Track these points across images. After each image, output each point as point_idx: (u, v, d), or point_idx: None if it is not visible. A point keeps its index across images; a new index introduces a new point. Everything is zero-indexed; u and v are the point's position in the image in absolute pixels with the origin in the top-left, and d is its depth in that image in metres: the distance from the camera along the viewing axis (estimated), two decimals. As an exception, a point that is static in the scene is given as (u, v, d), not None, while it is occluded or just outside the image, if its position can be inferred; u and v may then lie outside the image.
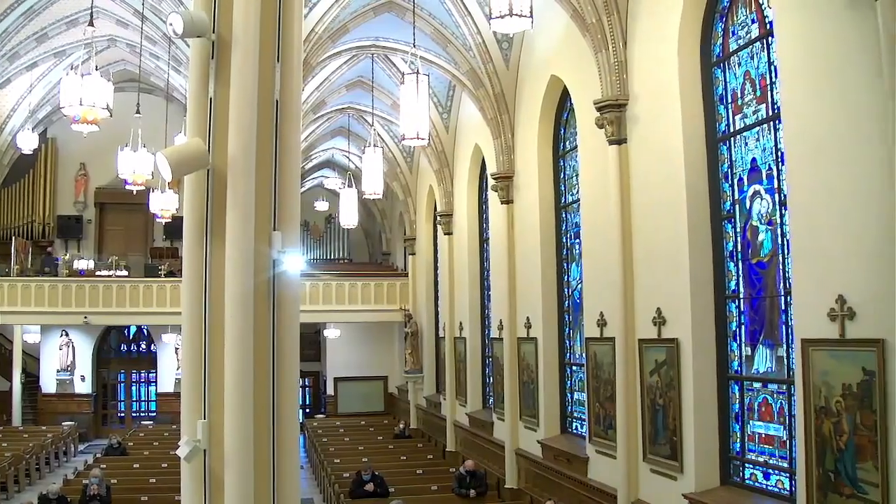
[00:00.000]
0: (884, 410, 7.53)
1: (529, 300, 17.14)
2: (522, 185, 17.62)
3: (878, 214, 7.49)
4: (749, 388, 10.58)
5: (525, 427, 17.37)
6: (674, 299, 11.36)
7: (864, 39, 7.66)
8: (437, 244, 26.06)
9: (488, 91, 17.82)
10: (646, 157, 12.18)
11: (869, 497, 7.67)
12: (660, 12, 11.73)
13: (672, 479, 11.31)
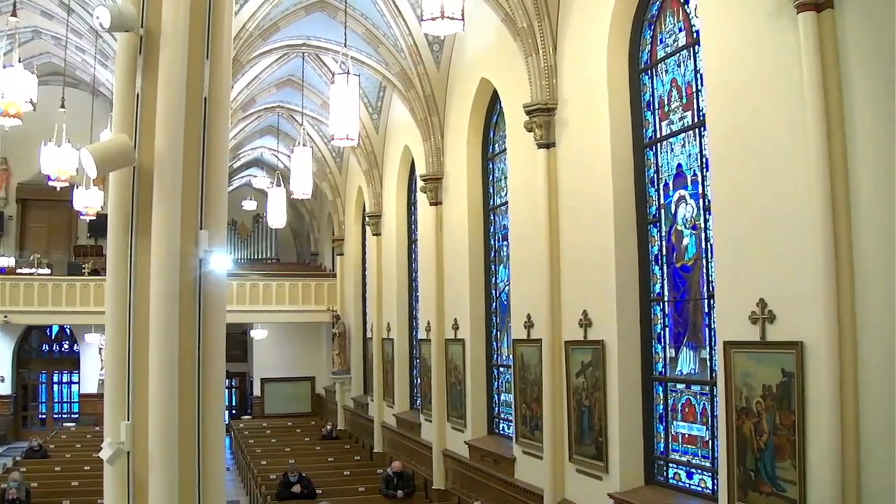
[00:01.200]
0: (802, 411, 7.72)
1: (457, 302, 17.19)
2: (451, 186, 17.66)
3: (799, 220, 7.68)
4: (673, 389, 10.75)
5: (452, 428, 17.41)
6: (600, 302, 11.49)
7: (786, 51, 7.85)
8: (366, 245, 25.98)
9: (419, 92, 17.83)
10: (574, 161, 12.30)
11: (787, 494, 7.86)
12: (590, 18, 11.86)
13: (597, 479, 11.44)
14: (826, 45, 7.44)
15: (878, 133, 7.02)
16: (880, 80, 7.01)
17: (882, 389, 6.95)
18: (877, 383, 7.01)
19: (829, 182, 7.33)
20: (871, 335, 7.07)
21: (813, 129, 7.42)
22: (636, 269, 11.25)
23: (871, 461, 7.04)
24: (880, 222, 6.98)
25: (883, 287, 6.96)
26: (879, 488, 6.95)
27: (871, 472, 7.03)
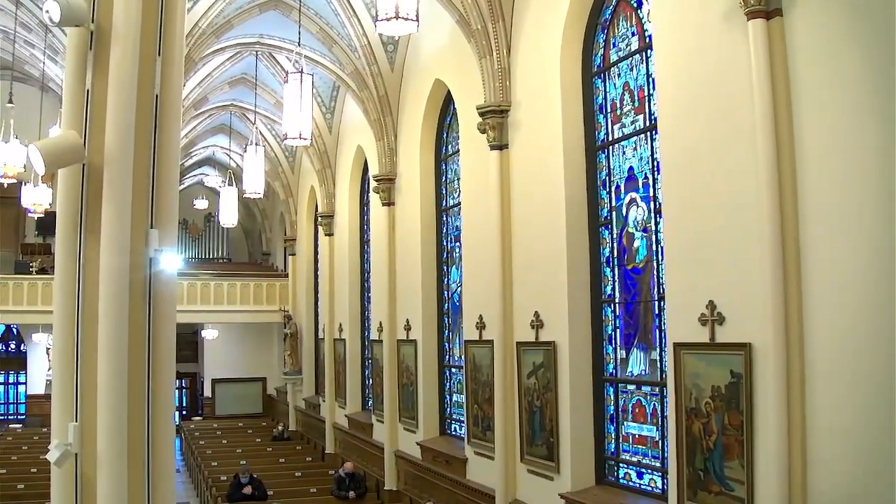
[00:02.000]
0: (750, 411, 7.82)
1: (409, 302, 17.18)
2: (404, 187, 17.64)
3: (748, 223, 7.78)
4: (623, 390, 10.83)
5: (404, 429, 17.40)
6: (551, 303, 11.54)
7: (737, 57, 7.96)
8: (318, 245, 25.87)
9: (372, 93, 17.79)
10: (526, 163, 12.35)
11: (735, 494, 7.96)
12: (544, 21, 11.92)
13: (549, 480, 11.49)
14: (775, 52, 7.56)
15: (826, 139, 7.15)
16: (827, 87, 7.14)
17: (828, 390, 7.07)
18: (823, 384, 7.13)
19: (778, 186, 7.43)
20: (818, 337, 7.18)
21: (762, 133, 7.52)
22: (587, 271, 11.32)
23: (816, 460, 7.16)
24: (827, 226, 7.10)
25: (829, 290, 7.08)
26: (825, 487, 7.07)
27: (817, 471, 7.15)
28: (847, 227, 6.88)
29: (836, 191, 7.03)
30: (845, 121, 6.95)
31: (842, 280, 6.95)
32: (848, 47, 6.93)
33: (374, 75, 17.59)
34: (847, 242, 6.89)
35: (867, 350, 6.67)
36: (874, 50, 6.67)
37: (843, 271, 6.93)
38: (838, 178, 7.00)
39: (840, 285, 6.97)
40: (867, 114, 6.72)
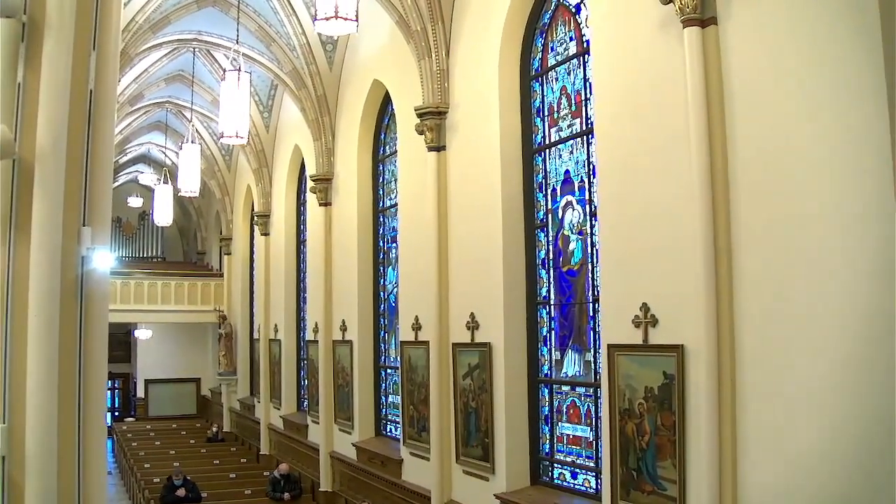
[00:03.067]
0: (682, 412, 7.93)
1: (345, 303, 17.12)
2: (341, 187, 17.59)
3: (681, 227, 7.88)
4: (558, 391, 10.92)
5: (340, 430, 17.33)
6: (487, 304, 11.59)
7: (673, 64, 8.06)
8: (254, 245, 25.68)
9: (310, 92, 17.70)
10: (464, 165, 12.39)
11: (668, 493, 8.07)
12: (483, 24, 11.97)
13: (484, 480, 11.54)
14: (710, 60, 7.67)
15: (758, 145, 7.27)
16: (760, 94, 7.27)
17: (758, 390, 7.20)
18: (752, 384, 7.25)
19: (711, 191, 7.54)
20: (749, 338, 7.30)
21: (696, 139, 7.62)
22: (523, 273, 11.39)
23: (746, 460, 7.28)
24: (758, 231, 7.23)
25: (760, 292, 7.21)
26: (755, 486, 7.20)
27: (747, 471, 7.27)
28: (777, 231, 7.02)
29: (767, 195, 7.16)
30: (777, 127, 7.08)
31: (771, 283, 7.08)
32: (781, 56, 7.07)
33: (312, 75, 17.52)
34: (777, 246, 7.02)
35: (795, 350, 6.80)
36: (806, 58, 6.82)
37: (772, 274, 7.06)
38: (769, 183, 7.14)
39: (770, 288, 7.10)
40: (799, 120, 6.86)
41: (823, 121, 6.62)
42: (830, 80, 6.58)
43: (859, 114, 6.29)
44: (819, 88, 6.68)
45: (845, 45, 6.47)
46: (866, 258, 6.20)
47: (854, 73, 6.36)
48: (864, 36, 6.25)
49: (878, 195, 6.09)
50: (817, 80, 6.71)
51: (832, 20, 6.60)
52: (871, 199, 6.16)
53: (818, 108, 6.68)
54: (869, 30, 6.21)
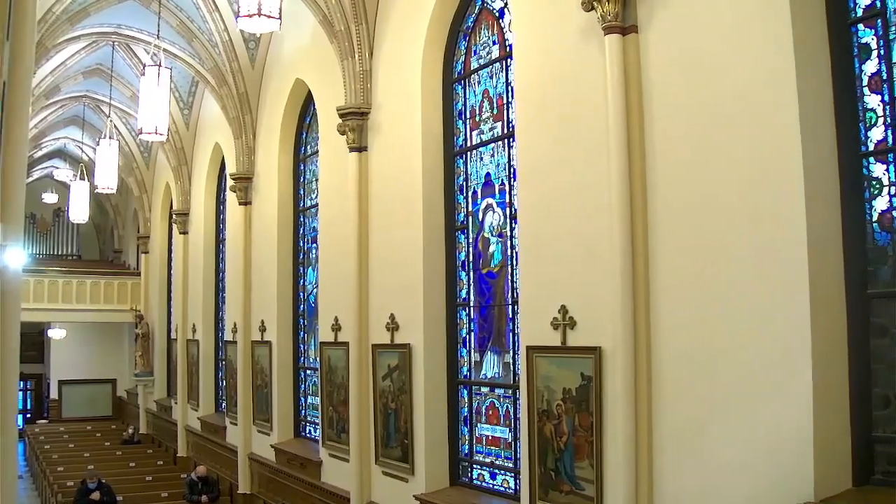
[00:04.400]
0: (599, 413, 8.04)
1: (265, 303, 16.98)
2: (262, 187, 17.44)
3: (600, 230, 7.98)
4: (477, 392, 10.97)
5: (258, 431, 17.18)
6: (407, 306, 11.61)
7: (593, 70, 8.17)
8: (172, 243, 25.31)
9: (232, 90, 17.50)
10: (385, 166, 12.38)
11: (585, 493, 8.17)
12: (407, 26, 11.97)
13: (403, 481, 11.55)
14: (630, 67, 7.78)
15: (676, 151, 7.42)
16: (678, 101, 7.42)
17: (673, 391, 7.34)
18: (668, 385, 7.39)
19: (629, 195, 7.66)
20: (665, 340, 7.44)
21: (615, 144, 7.73)
22: (443, 275, 11.43)
23: (663, 460, 7.42)
24: (675, 234, 7.38)
25: (677, 295, 7.35)
26: (670, 485, 7.34)
27: (663, 470, 7.41)
28: (694, 234, 7.17)
29: (684, 199, 7.31)
30: (694, 133, 7.23)
31: (688, 285, 7.23)
32: (698, 63, 7.22)
33: (234, 72, 17.32)
34: (694, 249, 7.17)
35: (712, 352, 6.96)
36: (722, 65, 6.99)
37: (689, 277, 7.21)
38: (686, 188, 7.29)
39: (687, 290, 7.25)
40: (715, 126, 7.02)
41: (739, 127, 6.79)
42: (745, 87, 6.76)
43: (773, 118, 6.49)
44: (734, 95, 6.86)
45: (759, 52, 6.66)
46: (781, 261, 6.38)
47: (768, 81, 6.55)
48: (777, 44, 6.46)
49: (790, 195, 6.30)
50: (732, 86, 6.88)
51: (747, 28, 6.78)
52: (785, 199, 6.36)
53: (734, 114, 6.85)
54: (781, 37, 6.43)
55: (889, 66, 6.29)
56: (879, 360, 6.25)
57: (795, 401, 6.17)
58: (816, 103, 6.44)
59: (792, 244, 6.28)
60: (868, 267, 6.36)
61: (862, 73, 6.47)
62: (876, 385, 6.24)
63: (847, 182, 6.44)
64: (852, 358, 6.31)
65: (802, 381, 6.13)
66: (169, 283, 26.10)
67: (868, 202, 6.39)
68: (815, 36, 6.54)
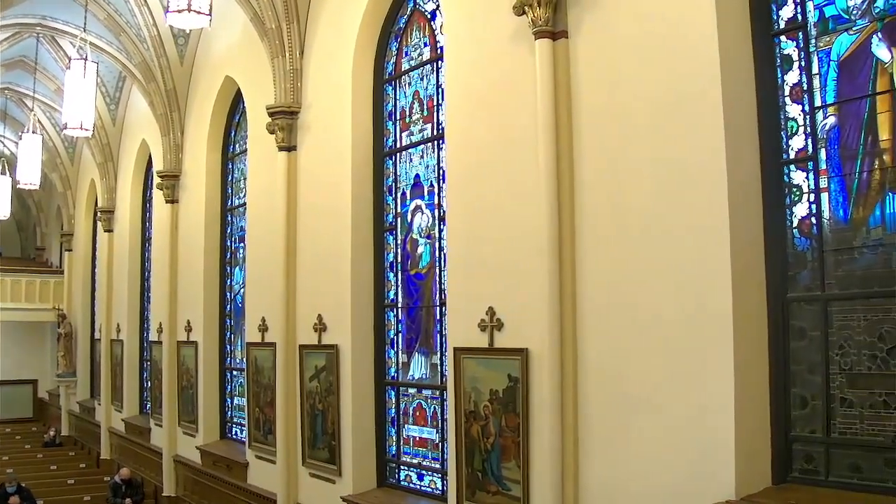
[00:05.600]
0: (526, 413, 8.09)
1: (191, 303, 16.77)
2: (189, 185, 17.22)
3: (527, 233, 8.03)
4: (405, 393, 10.97)
5: (184, 433, 16.95)
6: (335, 306, 11.56)
7: (523, 74, 8.21)
8: (97, 241, 24.85)
9: (160, 86, 17.22)
10: (314, 166, 12.31)
11: (512, 493, 8.21)
12: (338, 25, 11.91)
13: (331, 483, 11.50)
14: (559, 72, 7.84)
15: (603, 156, 7.50)
16: (606, 106, 7.50)
17: (599, 392, 7.42)
18: (594, 387, 7.46)
19: (557, 198, 7.72)
20: (591, 342, 7.51)
21: (543, 148, 7.78)
22: (371, 276, 11.41)
23: (588, 459, 7.49)
24: (603, 237, 7.46)
25: (603, 297, 7.43)
26: (595, 485, 7.43)
27: (588, 470, 7.49)
28: (621, 237, 7.26)
29: (610, 203, 7.40)
30: (621, 137, 7.31)
31: (614, 287, 7.31)
32: (626, 68, 7.32)
33: (162, 68, 17.04)
34: (620, 252, 7.26)
35: (636, 352, 7.06)
36: (649, 70, 7.09)
37: (615, 279, 7.30)
38: (612, 192, 7.38)
39: (612, 293, 7.33)
40: (641, 133, 7.12)
41: (665, 133, 6.90)
42: (671, 95, 6.87)
43: (699, 126, 6.60)
44: (660, 102, 6.96)
45: (685, 61, 6.77)
46: (704, 265, 6.49)
47: (693, 89, 6.67)
48: (703, 54, 6.59)
49: (714, 201, 6.42)
50: (659, 93, 6.98)
51: (674, 38, 6.88)
52: (709, 205, 6.47)
53: (659, 121, 6.96)
54: (706, 47, 6.56)
55: (809, 77, 6.47)
56: (798, 362, 6.41)
57: (718, 401, 6.29)
58: (740, 112, 6.58)
59: (715, 248, 6.39)
60: (788, 272, 6.51)
61: (784, 84, 6.64)
62: (794, 386, 6.40)
63: (769, 189, 6.59)
64: (772, 359, 6.46)
65: (724, 381, 6.25)
66: (93, 281, 25.64)
67: (789, 209, 6.54)
68: (740, 46, 6.69)
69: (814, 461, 6.26)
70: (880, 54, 6.03)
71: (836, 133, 6.30)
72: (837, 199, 6.27)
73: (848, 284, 6.17)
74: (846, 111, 6.24)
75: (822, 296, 6.29)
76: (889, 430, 5.83)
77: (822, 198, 6.35)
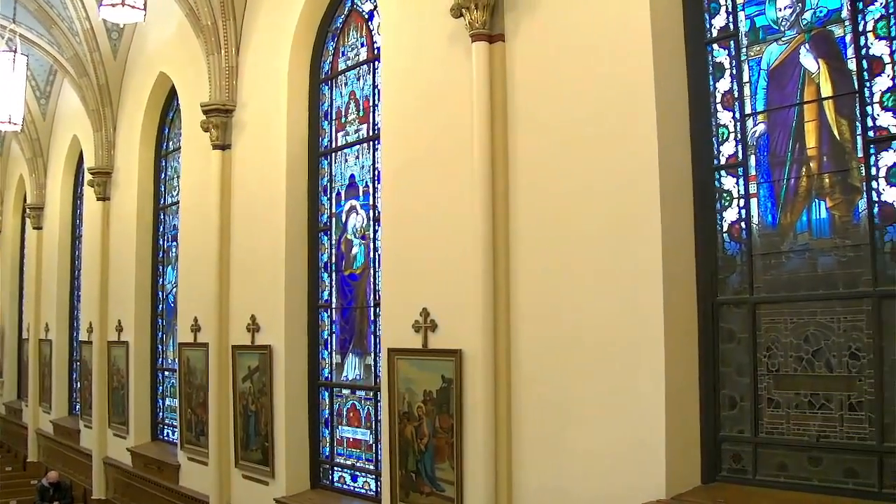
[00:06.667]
0: (459, 415, 8.12)
1: (122, 302, 16.51)
2: (122, 182, 16.95)
3: (462, 235, 8.05)
4: (338, 394, 10.94)
5: (114, 434, 16.68)
6: (268, 307, 11.47)
7: (460, 76, 8.23)
8: (25, 239, 24.35)
9: (92, 81, 16.89)
10: (249, 165, 12.21)
11: (446, 494, 8.24)
12: (275, 24, 11.83)
13: (264, 485, 11.41)
14: (495, 74, 7.89)
15: (537, 159, 7.55)
16: (539, 111, 7.56)
17: (532, 393, 7.47)
18: (528, 387, 7.51)
19: (491, 200, 7.75)
20: (525, 343, 7.55)
21: (479, 150, 7.81)
22: (305, 276, 11.35)
23: (521, 460, 7.54)
24: (536, 239, 7.51)
25: (536, 298, 7.48)
26: (529, 485, 7.48)
27: (522, 470, 7.54)
28: (555, 238, 7.31)
29: (544, 206, 7.44)
30: (555, 143, 7.37)
31: (548, 289, 7.37)
32: (561, 75, 7.38)
33: (95, 62, 16.70)
34: (553, 256, 7.32)
35: (569, 354, 7.11)
36: (585, 79, 7.16)
37: (549, 281, 7.35)
38: (546, 195, 7.42)
39: (546, 294, 7.39)
40: (576, 137, 7.18)
41: (599, 138, 6.97)
42: (606, 100, 6.94)
43: (632, 131, 6.69)
44: (595, 108, 7.03)
45: (620, 67, 6.85)
46: (637, 268, 6.57)
47: (628, 95, 6.75)
48: (637, 61, 6.68)
49: (646, 206, 6.51)
50: (594, 98, 7.05)
51: (609, 44, 6.96)
52: (641, 209, 6.56)
53: (594, 126, 7.02)
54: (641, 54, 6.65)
55: (740, 85, 6.60)
56: (727, 364, 6.53)
57: (649, 401, 6.37)
58: (673, 118, 6.68)
59: (647, 252, 6.48)
60: (718, 275, 6.63)
61: (716, 91, 6.76)
62: (723, 387, 6.52)
63: (700, 194, 6.70)
64: (702, 361, 6.58)
65: (655, 382, 6.34)
66: (21, 279, 25.11)
67: (719, 213, 6.66)
68: (673, 54, 6.79)
69: (742, 460, 6.39)
70: (808, 64, 6.18)
71: (765, 140, 6.43)
72: (766, 205, 6.40)
73: (775, 288, 6.30)
74: (775, 119, 6.38)
75: (750, 299, 6.41)
76: (813, 429, 5.98)
77: (752, 203, 6.48)
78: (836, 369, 5.91)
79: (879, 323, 5.70)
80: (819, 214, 6.09)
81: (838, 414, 5.88)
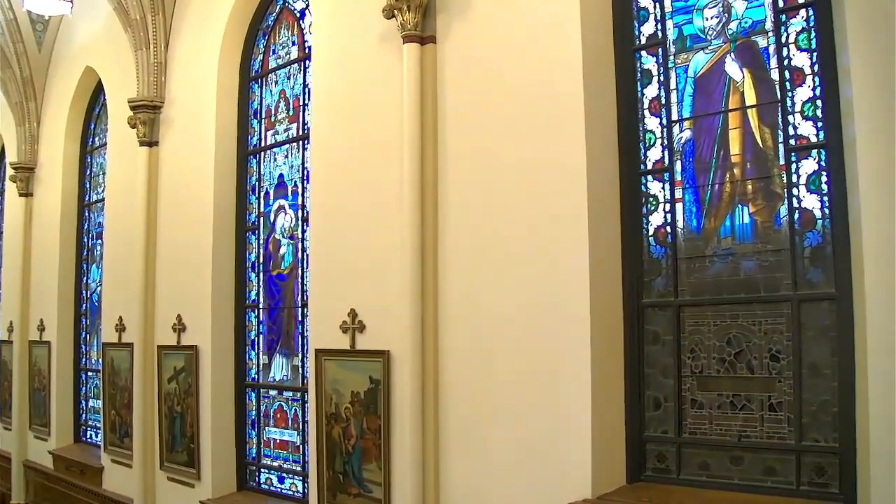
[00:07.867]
0: (387, 415, 8.11)
1: (44, 301, 16.14)
2: (45, 178, 16.58)
3: (390, 235, 8.06)
4: (266, 395, 10.85)
5: (35, 436, 16.29)
6: (195, 307, 11.33)
7: (391, 77, 8.23)
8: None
9: (15, 73, 16.48)
10: (177, 163, 12.03)
11: (373, 495, 8.22)
12: (205, 20, 11.68)
13: (189, 487, 11.26)
14: (426, 75, 7.91)
15: (466, 161, 7.59)
16: (470, 113, 7.60)
17: (459, 394, 7.52)
18: (454, 389, 7.55)
19: (420, 201, 7.77)
20: (452, 344, 7.59)
21: (409, 152, 7.82)
22: (232, 276, 11.22)
23: (448, 460, 7.56)
24: (463, 242, 7.55)
25: (464, 299, 7.52)
26: (456, 485, 7.51)
27: (449, 471, 7.56)
28: (483, 239, 7.36)
29: (472, 208, 7.49)
30: (484, 145, 7.42)
31: (476, 290, 7.41)
32: (491, 79, 7.43)
33: (18, 54, 16.28)
34: (481, 257, 7.36)
35: (496, 354, 7.17)
36: (515, 83, 7.21)
37: (477, 282, 7.40)
38: (475, 197, 7.47)
39: (474, 295, 7.43)
40: (504, 140, 7.23)
41: (527, 142, 7.03)
42: (535, 104, 7.00)
43: (561, 136, 6.75)
44: (524, 111, 7.09)
45: (549, 73, 6.91)
46: (564, 270, 6.63)
47: (557, 100, 6.82)
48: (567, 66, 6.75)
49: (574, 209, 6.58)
50: (523, 102, 7.11)
51: (539, 49, 7.02)
52: (569, 213, 6.63)
53: (523, 129, 7.09)
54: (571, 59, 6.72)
55: (667, 91, 6.72)
56: (652, 365, 6.65)
57: (574, 402, 6.44)
58: (602, 122, 6.76)
59: (574, 254, 6.54)
60: (644, 278, 6.74)
61: (643, 97, 6.87)
62: (648, 388, 6.64)
63: (627, 198, 6.81)
64: (627, 362, 6.68)
65: (581, 383, 6.41)
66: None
67: (645, 217, 6.78)
68: (603, 59, 6.88)
69: (666, 460, 6.51)
70: (733, 73, 6.33)
71: (691, 146, 6.56)
72: (691, 210, 6.53)
73: (699, 291, 6.44)
74: (701, 126, 6.51)
75: (674, 302, 6.53)
76: (735, 429, 6.14)
77: (677, 208, 6.60)
78: (757, 371, 6.07)
79: (798, 326, 5.86)
80: (742, 220, 6.23)
81: (759, 414, 6.03)
